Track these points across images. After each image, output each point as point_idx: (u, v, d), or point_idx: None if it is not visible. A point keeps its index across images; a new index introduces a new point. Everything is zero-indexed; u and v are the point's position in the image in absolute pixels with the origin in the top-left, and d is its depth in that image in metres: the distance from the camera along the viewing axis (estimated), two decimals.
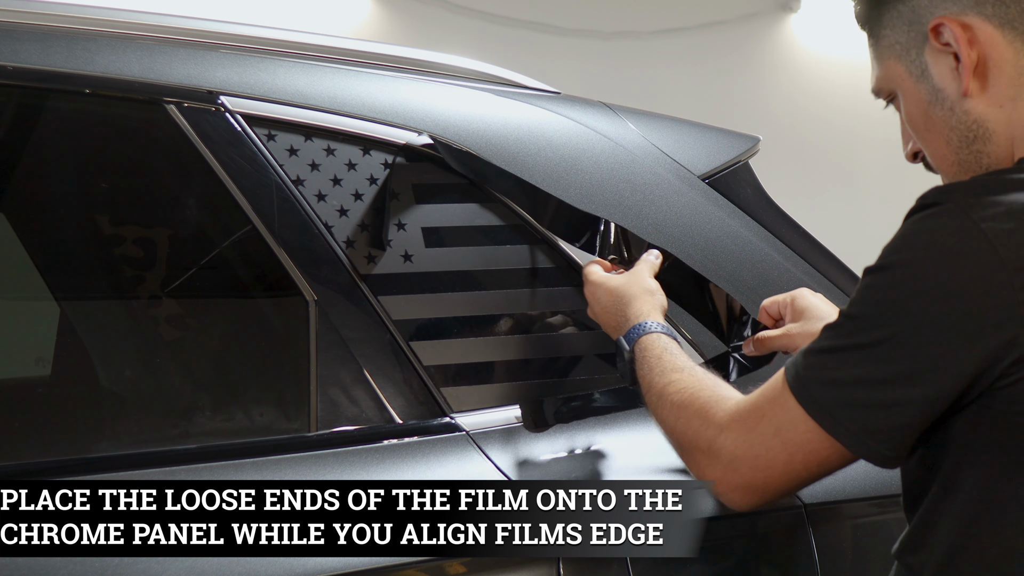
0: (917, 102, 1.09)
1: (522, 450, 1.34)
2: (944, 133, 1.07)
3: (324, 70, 1.46)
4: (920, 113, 1.09)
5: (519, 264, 1.46)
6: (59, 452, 1.31)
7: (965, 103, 1.05)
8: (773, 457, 1.03)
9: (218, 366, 1.44)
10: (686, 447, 1.12)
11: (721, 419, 1.08)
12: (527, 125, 1.52)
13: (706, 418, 1.09)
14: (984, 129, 1.05)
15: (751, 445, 1.04)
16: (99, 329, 1.44)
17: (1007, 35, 1.04)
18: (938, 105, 1.07)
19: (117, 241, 1.39)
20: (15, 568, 1.11)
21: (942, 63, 1.06)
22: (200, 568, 1.14)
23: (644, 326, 1.29)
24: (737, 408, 1.07)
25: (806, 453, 1.02)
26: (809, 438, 1.01)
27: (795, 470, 1.03)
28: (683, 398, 1.14)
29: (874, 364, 0.97)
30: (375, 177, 1.41)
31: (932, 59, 1.07)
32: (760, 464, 1.04)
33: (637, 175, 1.54)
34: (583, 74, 4.99)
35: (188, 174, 1.38)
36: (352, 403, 1.33)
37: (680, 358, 1.22)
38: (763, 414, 1.04)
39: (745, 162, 1.69)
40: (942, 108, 1.07)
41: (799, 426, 1.01)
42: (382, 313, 1.36)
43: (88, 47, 1.33)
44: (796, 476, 1.04)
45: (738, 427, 1.05)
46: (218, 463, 1.23)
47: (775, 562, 1.39)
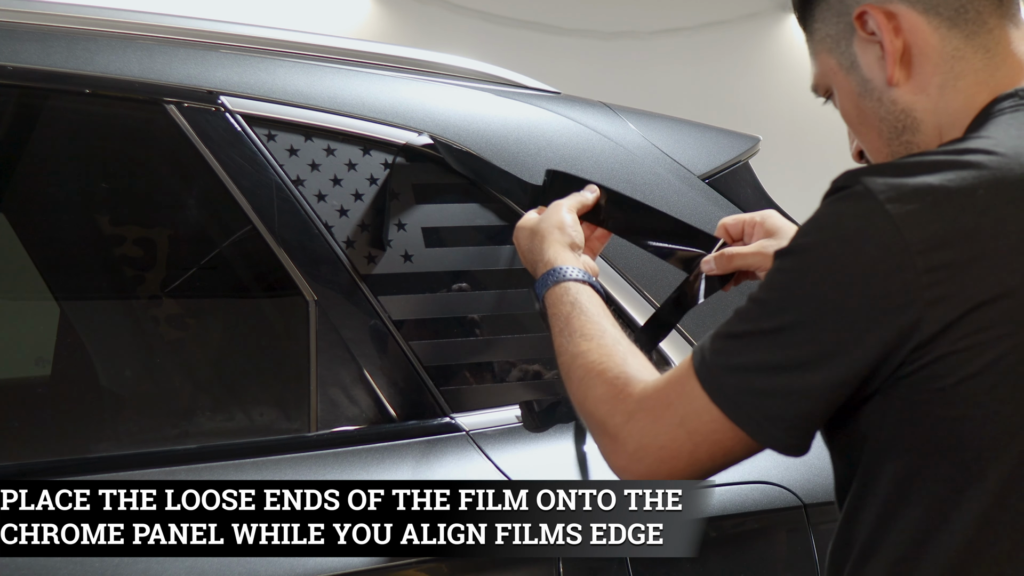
0: (849, 95, 1.07)
1: (522, 450, 1.34)
2: (875, 125, 1.05)
3: (324, 70, 1.46)
4: (852, 106, 1.07)
5: (519, 264, 1.46)
6: (59, 452, 1.31)
7: (892, 92, 1.03)
8: (678, 448, 1.00)
9: (218, 366, 1.44)
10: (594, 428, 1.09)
11: (629, 405, 1.04)
12: (527, 125, 1.52)
13: (614, 402, 1.05)
14: (912, 119, 1.03)
15: (656, 435, 1.01)
16: (99, 329, 1.44)
17: (931, 21, 1.01)
18: (867, 96, 1.05)
19: (117, 241, 1.40)
20: (15, 568, 1.11)
21: (869, 53, 1.03)
22: (200, 568, 1.14)
23: (555, 272, 1.23)
24: (644, 394, 1.04)
25: (711, 443, 0.99)
26: (714, 428, 0.98)
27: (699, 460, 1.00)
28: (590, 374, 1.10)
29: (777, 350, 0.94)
30: (375, 177, 1.41)
31: (860, 50, 1.04)
32: (665, 455, 1.01)
33: (637, 175, 1.54)
34: (583, 74, 4.99)
35: (188, 174, 1.38)
36: (352, 403, 1.33)
37: (589, 323, 1.16)
38: (669, 402, 1.01)
39: (745, 162, 1.69)
40: (871, 99, 1.04)
41: (703, 415, 0.98)
42: (382, 313, 1.36)
43: (88, 47, 1.34)
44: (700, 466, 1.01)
45: (644, 416, 1.02)
46: (218, 463, 1.23)
47: (775, 562, 1.39)
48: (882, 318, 0.90)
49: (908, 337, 0.90)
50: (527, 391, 1.41)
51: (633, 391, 1.04)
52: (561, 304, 1.19)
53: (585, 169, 1.51)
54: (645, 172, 1.55)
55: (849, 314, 0.91)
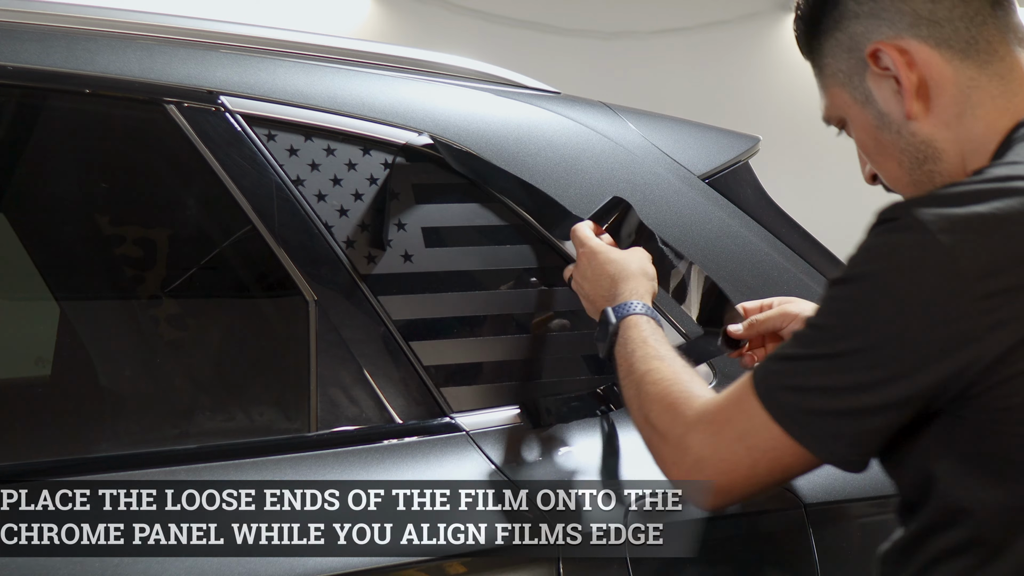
0: (865, 127, 1.10)
1: (522, 450, 1.34)
2: (895, 155, 1.09)
3: (324, 70, 1.46)
4: (870, 138, 1.10)
5: (519, 264, 1.46)
6: (59, 452, 1.31)
7: (911, 125, 1.06)
8: (738, 461, 1.04)
9: (218, 366, 1.44)
10: (654, 439, 1.13)
11: (690, 417, 1.08)
12: (527, 125, 1.52)
13: (676, 414, 1.10)
14: (933, 149, 1.06)
15: (716, 449, 1.05)
16: (99, 329, 1.44)
17: (944, 54, 1.04)
18: (885, 129, 1.08)
19: (117, 241, 1.40)
20: (15, 568, 1.11)
21: (884, 87, 1.07)
22: (200, 568, 1.14)
23: (633, 305, 1.29)
24: (705, 408, 1.08)
25: (771, 459, 1.03)
26: (774, 444, 1.02)
27: (758, 474, 1.04)
28: (658, 389, 1.14)
29: (840, 373, 0.98)
30: (375, 177, 1.41)
31: (874, 84, 1.07)
32: (724, 467, 1.05)
33: (637, 175, 1.54)
34: (583, 74, 4.99)
35: (188, 174, 1.38)
36: (352, 403, 1.33)
37: (663, 347, 1.22)
38: (729, 418, 1.05)
39: (745, 162, 1.69)
40: (889, 132, 1.08)
41: (763, 432, 1.02)
42: (382, 313, 1.36)
43: (88, 47, 1.33)
44: (760, 480, 1.05)
45: (705, 428, 1.06)
46: (218, 463, 1.23)
47: (775, 562, 1.39)
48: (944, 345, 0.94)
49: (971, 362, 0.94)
50: (527, 391, 1.41)
51: (694, 404, 1.09)
52: (639, 330, 1.25)
53: (585, 169, 1.51)
54: (645, 172, 1.55)
55: (910, 341, 0.95)
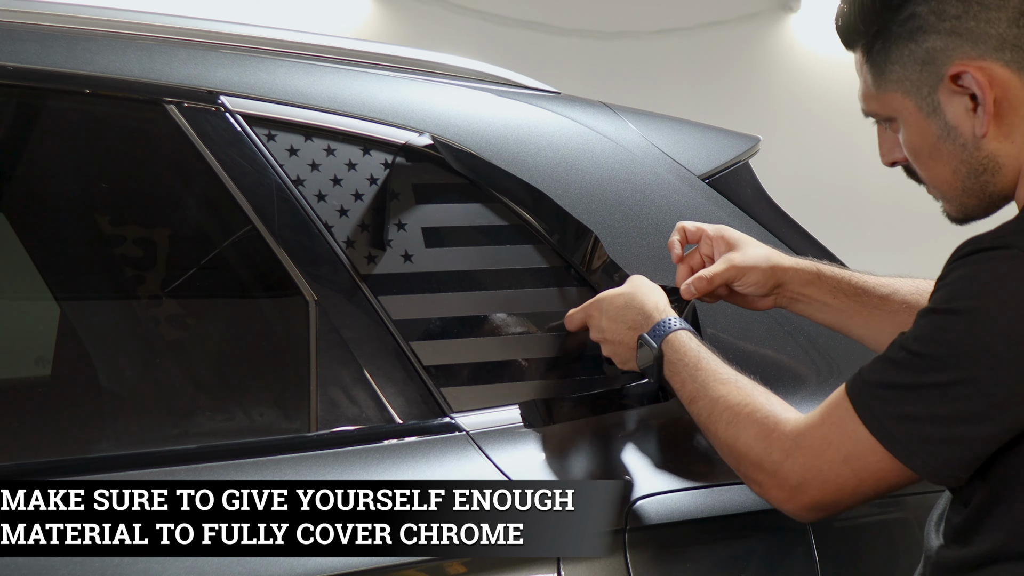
0: (924, 135, 1.13)
1: (522, 450, 1.34)
2: (952, 164, 1.13)
3: (324, 70, 1.46)
4: (927, 145, 1.14)
5: (519, 264, 1.46)
6: (59, 452, 1.31)
7: (979, 141, 1.11)
8: (843, 482, 1.09)
9: (218, 366, 1.44)
10: (746, 466, 1.17)
11: (785, 444, 1.12)
12: (527, 125, 1.52)
13: (769, 440, 1.14)
14: (995, 163, 1.11)
15: (819, 471, 1.10)
16: (99, 329, 1.44)
17: (1021, 76, 1.09)
18: (950, 141, 1.12)
19: (117, 241, 1.39)
20: (15, 568, 1.11)
21: (956, 103, 1.11)
22: (200, 568, 1.14)
23: (668, 323, 1.30)
24: (800, 432, 1.12)
25: (876, 479, 1.08)
26: (881, 467, 1.07)
27: (863, 492, 1.10)
28: (738, 416, 1.17)
29: (949, 402, 1.02)
30: (375, 177, 1.41)
31: (945, 99, 1.11)
32: (829, 488, 1.10)
33: (637, 175, 1.54)
34: (583, 74, 4.99)
35: (188, 174, 1.38)
36: (352, 403, 1.33)
37: (720, 368, 1.24)
38: (829, 441, 1.09)
39: (745, 162, 1.69)
40: (954, 144, 1.12)
41: (870, 455, 1.07)
42: (382, 313, 1.36)
43: (88, 47, 1.33)
44: (863, 497, 1.11)
45: (804, 453, 1.11)
46: (218, 463, 1.23)
47: (775, 562, 1.39)
48: None
49: None
50: (527, 391, 1.40)
51: (786, 429, 1.13)
52: (687, 352, 1.27)
53: (585, 169, 1.51)
54: (645, 172, 1.55)
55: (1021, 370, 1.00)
